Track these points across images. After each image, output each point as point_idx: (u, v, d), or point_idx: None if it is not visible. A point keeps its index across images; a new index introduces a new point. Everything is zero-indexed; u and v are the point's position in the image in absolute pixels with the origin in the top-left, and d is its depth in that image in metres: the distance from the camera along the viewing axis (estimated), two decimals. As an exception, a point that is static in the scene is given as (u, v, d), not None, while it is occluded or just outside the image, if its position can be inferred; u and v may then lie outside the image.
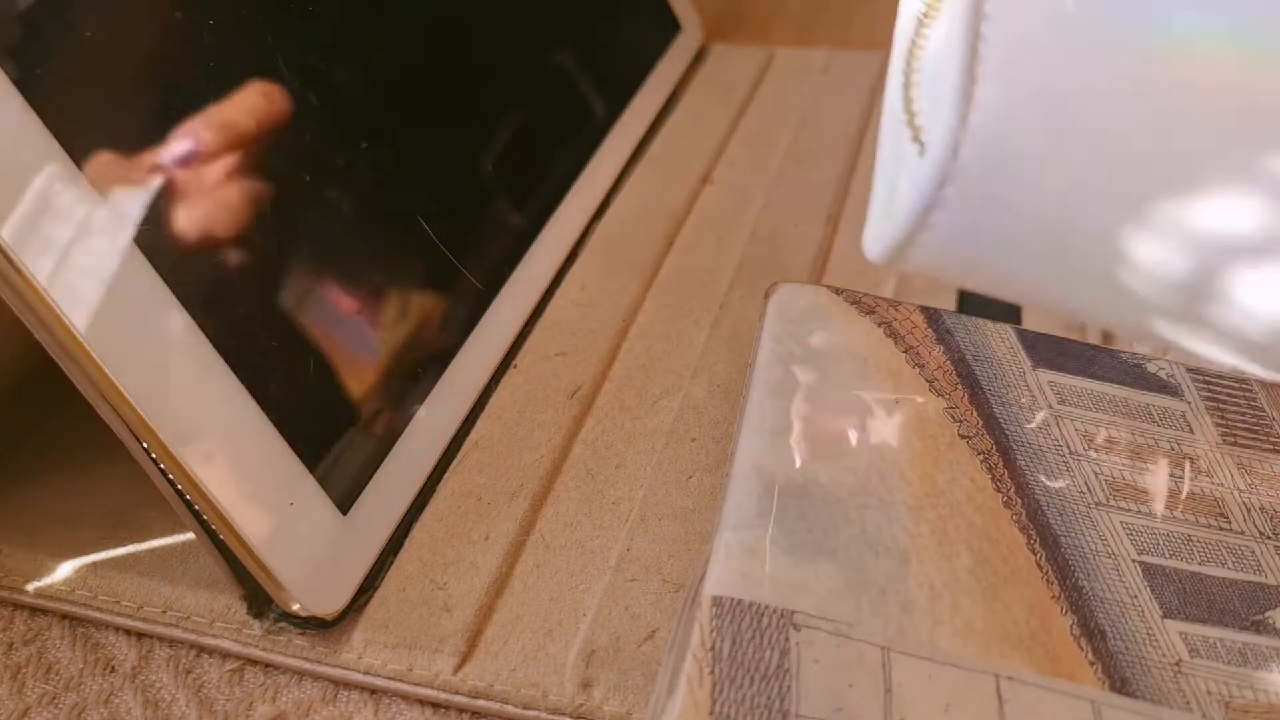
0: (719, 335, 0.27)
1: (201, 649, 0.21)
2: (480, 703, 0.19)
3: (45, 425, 0.24)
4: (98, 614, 0.21)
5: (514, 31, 0.30)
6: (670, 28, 0.38)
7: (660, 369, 0.26)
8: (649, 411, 0.25)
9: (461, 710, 0.20)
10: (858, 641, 0.17)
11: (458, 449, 0.24)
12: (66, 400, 0.18)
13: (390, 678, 0.20)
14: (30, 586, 0.21)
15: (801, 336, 0.23)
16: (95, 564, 0.21)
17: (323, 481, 0.20)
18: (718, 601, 0.17)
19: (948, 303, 0.28)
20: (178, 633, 0.20)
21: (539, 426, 0.24)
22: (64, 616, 0.21)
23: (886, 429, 0.21)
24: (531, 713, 0.19)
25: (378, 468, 0.22)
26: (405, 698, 0.20)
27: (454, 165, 0.26)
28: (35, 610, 0.21)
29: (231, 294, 0.19)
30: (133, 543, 0.22)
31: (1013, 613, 0.18)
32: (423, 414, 0.23)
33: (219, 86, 0.20)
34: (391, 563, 0.21)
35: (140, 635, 0.21)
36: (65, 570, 0.21)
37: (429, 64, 0.26)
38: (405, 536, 0.22)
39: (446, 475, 0.23)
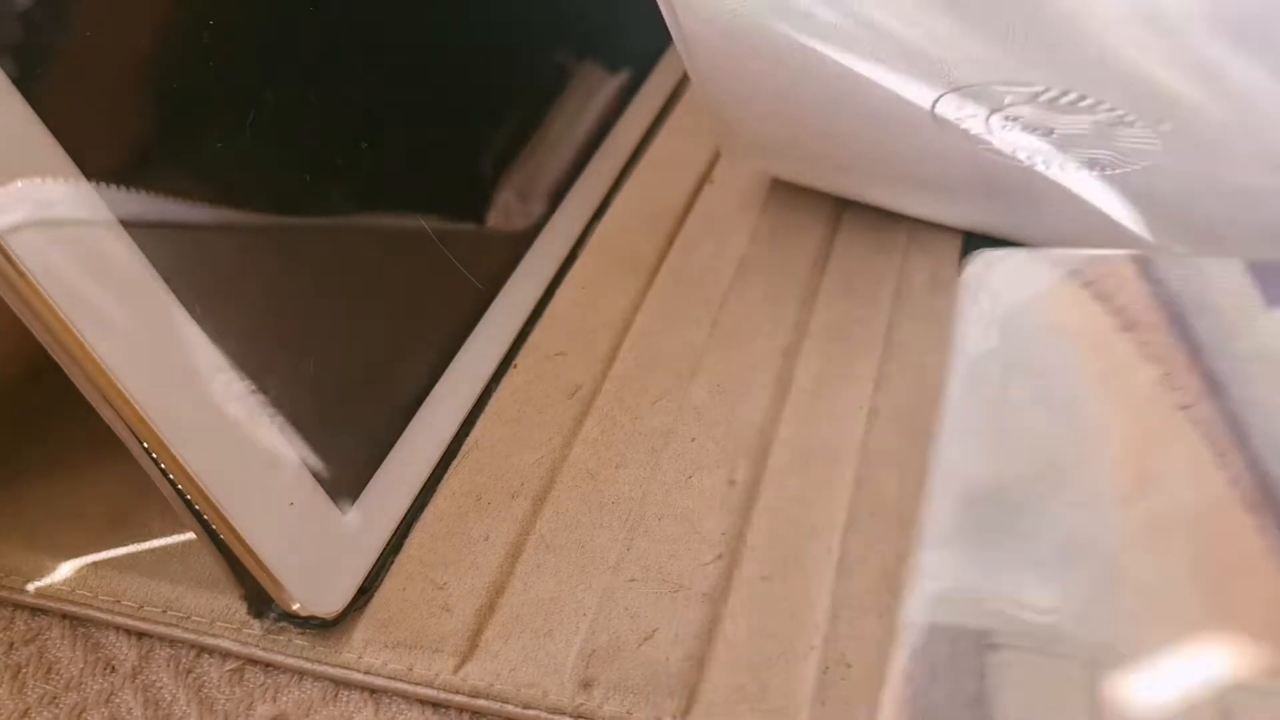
0: (719, 335, 0.27)
1: (202, 649, 0.21)
2: (480, 702, 0.19)
3: (45, 425, 0.24)
4: (98, 614, 0.21)
5: (515, 31, 0.30)
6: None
7: (660, 369, 0.26)
8: (649, 411, 0.25)
9: (461, 710, 0.20)
10: (1062, 659, 0.16)
11: (458, 449, 0.24)
12: (66, 400, 0.18)
13: (390, 677, 0.20)
14: (30, 586, 0.21)
15: (1004, 317, 0.20)
16: (95, 564, 0.21)
17: (323, 481, 0.20)
18: (914, 628, 0.16)
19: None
20: (178, 632, 0.20)
21: (539, 426, 0.24)
22: (64, 616, 0.21)
23: (1093, 413, 0.19)
24: (531, 713, 0.19)
25: (378, 467, 0.22)
26: (405, 697, 0.20)
27: (454, 165, 0.26)
28: (35, 610, 0.21)
29: (232, 293, 0.19)
30: (133, 543, 0.22)
31: (1244, 610, 0.16)
32: (423, 414, 0.23)
33: (220, 86, 0.20)
34: (391, 563, 0.21)
35: (140, 635, 0.21)
36: (65, 570, 0.21)
37: (429, 63, 0.26)
38: (405, 536, 0.22)
39: (446, 475, 0.23)
